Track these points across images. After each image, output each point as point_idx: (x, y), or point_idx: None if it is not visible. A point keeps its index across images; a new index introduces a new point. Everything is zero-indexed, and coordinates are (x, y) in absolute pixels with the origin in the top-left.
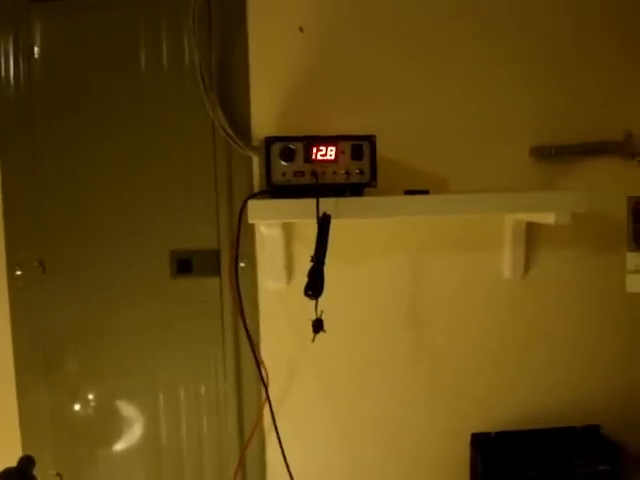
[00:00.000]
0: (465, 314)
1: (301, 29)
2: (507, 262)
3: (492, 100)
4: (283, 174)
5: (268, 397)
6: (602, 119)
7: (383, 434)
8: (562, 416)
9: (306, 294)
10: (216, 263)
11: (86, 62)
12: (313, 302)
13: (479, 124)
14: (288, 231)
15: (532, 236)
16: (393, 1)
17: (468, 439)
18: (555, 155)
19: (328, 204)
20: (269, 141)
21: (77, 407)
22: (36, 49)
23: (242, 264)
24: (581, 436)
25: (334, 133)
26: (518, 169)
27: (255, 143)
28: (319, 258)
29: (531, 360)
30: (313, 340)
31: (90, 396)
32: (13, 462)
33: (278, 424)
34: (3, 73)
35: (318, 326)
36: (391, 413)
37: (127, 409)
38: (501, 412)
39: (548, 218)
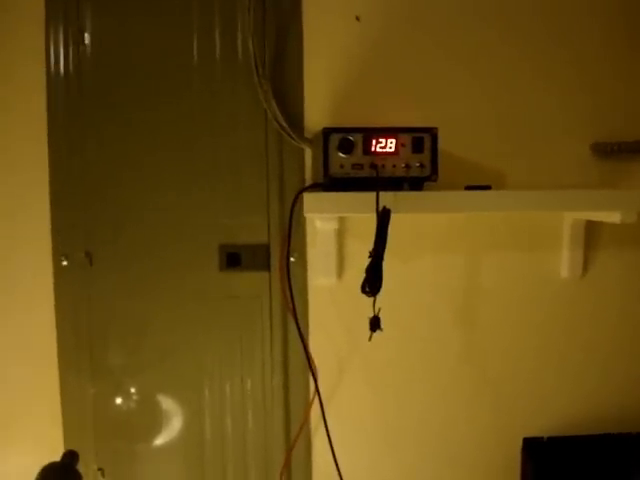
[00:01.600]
0: (519, 314)
1: (357, 18)
2: (565, 262)
3: (553, 96)
4: (341, 166)
5: (318, 391)
6: None
7: (431, 437)
8: (621, 422)
9: (363, 291)
10: (266, 257)
11: (137, 49)
12: (364, 298)
13: (540, 120)
14: (341, 225)
15: (591, 235)
16: None
17: (520, 443)
18: (616, 152)
19: (387, 198)
20: (327, 132)
21: (120, 401)
22: (86, 36)
23: (292, 259)
24: (636, 443)
25: (389, 125)
26: (578, 166)
27: (308, 135)
28: (378, 254)
29: (589, 363)
30: (370, 339)
31: (134, 390)
32: (56, 456)
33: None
34: (53, 61)
35: (375, 324)
36: (439, 415)
37: (171, 404)
38: (555, 416)
39: (613, 217)
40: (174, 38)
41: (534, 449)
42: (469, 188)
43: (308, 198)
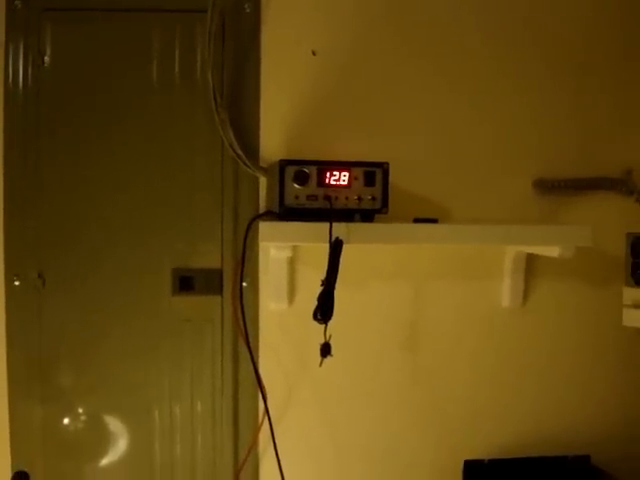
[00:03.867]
0: (462, 341)
1: (314, 52)
2: (506, 291)
3: (498, 133)
4: (296, 197)
5: (268, 413)
6: (603, 156)
7: (377, 458)
8: (554, 445)
9: (315, 318)
10: (218, 282)
11: (95, 72)
12: (314, 324)
13: (485, 155)
14: (294, 253)
15: (532, 267)
16: (405, 29)
17: (461, 466)
18: (557, 188)
19: (340, 229)
20: (283, 164)
21: (70, 422)
22: (46, 58)
23: (245, 283)
24: (572, 466)
25: (341, 159)
26: (520, 200)
27: (263, 164)
28: (330, 282)
29: (525, 388)
30: (321, 364)
31: (83, 411)
32: (4, 477)
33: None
34: (11, 81)
35: (326, 350)
36: (386, 437)
37: (121, 425)
38: (494, 439)
39: (552, 251)
40: (134, 64)
41: (475, 471)
42: (417, 221)
43: (264, 227)
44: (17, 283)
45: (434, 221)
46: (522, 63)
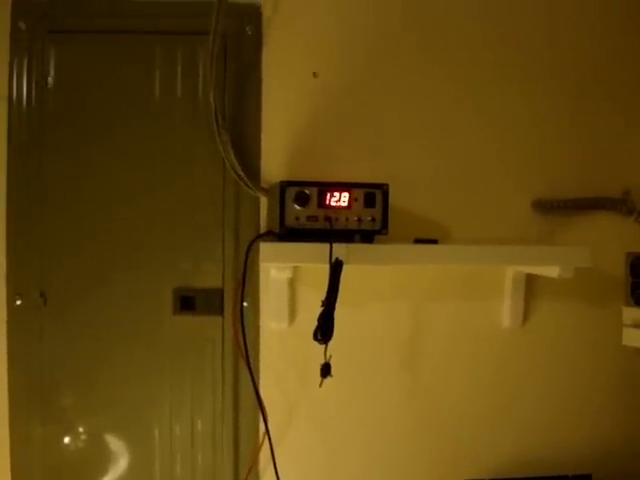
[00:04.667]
0: (462, 361)
1: (315, 74)
2: (506, 311)
3: (498, 153)
4: (297, 218)
5: (268, 433)
6: (603, 176)
7: (376, 477)
8: (553, 463)
9: (315, 339)
10: (219, 302)
11: (98, 93)
12: (314, 344)
13: (485, 176)
14: (294, 274)
15: (532, 287)
16: (404, 52)
17: None
18: (555, 208)
19: (340, 249)
20: (284, 185)
21: (70, 442)
22: (50, 79)
23: (245, 303)
24: None
25: (342, 180)
26: (519, 220)
27: (264, 185)
28: (330, 303)
29: (524, 407)
30: (320, 385)
31: (84, 431)
32: None
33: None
34: (16, 102)
35: (326, 371)
36: (384, 456)
37: (121, 445)
38: (494, 458)
39: (551, 271)
40: (136, 85)
41: None
42: (418, 241)
43: (265, 248)
44: (19, 302)
45: (434, 242)
46: (523, 84)
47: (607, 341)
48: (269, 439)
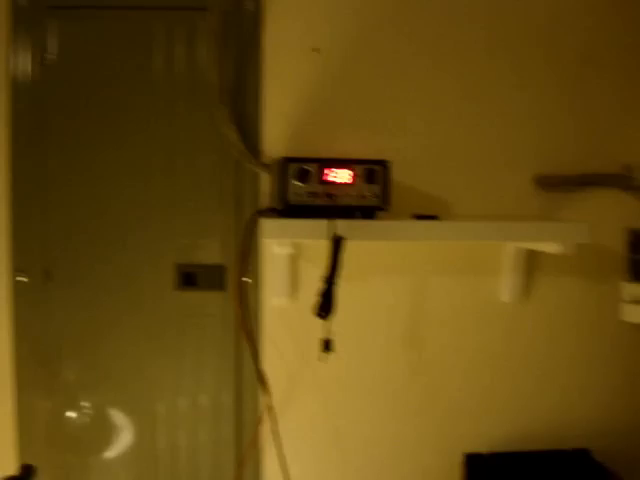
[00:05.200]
0: (463, 335)
1: (316, 50)
2: (506, 287)
3: (498, 130)
4: (297, 194)
5: (270, 405)
6: (603, 152)
7: (379, 451)
8: (554, 439)
9: (317, 314)
10: (221, 277)
11: (99, 69)
12: (316, 320)
13: (485, 152)
14: (295, 250)
15: (532, 263)
16: (406, 28)
17: (460, 458)
18: (556, 185)
19: (341, 226)
20: (285, 161)
21: (75, 416)
22: (51, 55)
23: (247, 279)
24: (571, 459)
25: (343, 156)
26: (520, 196)
27: (265, 160)
28: (331, 279)
29: (525, 383)
30: (319, 359)
31: (88, 405)
32: (9, 470)
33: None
34: (17, 78)
35: (327, 346)
36: (386, 431)
37: (125, 418)
38: (494, 433)
39: (551, 247)
40: (136, 61)
41: (474, 464)
42: (418, 217)
43: (266, 224)
44: (24, 279)
45: (434, 218)
46: (521, 60)
47: (607, 316)
48: (271, 411)
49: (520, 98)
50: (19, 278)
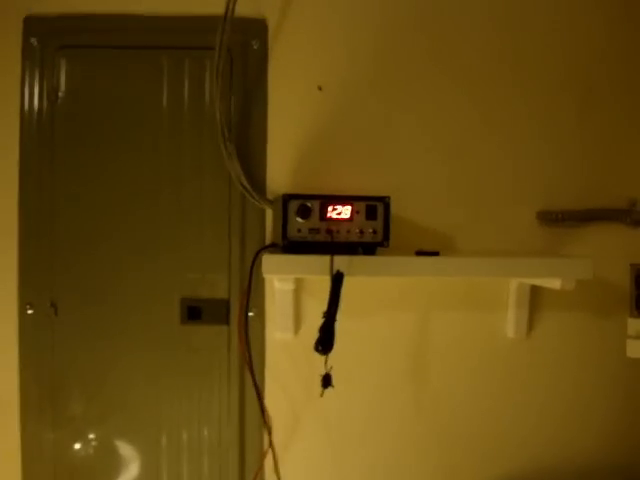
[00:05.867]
0: (466, 371)
1: (320, 88)
2: (510, 322)
3: (502, 165)
4: (299, 230)
5: (272, 443)
6: (607, 187)
7: None
8: (558, 476)
9: (316, 349)
10: (225, 312)
11: (107, 108)
12: (319, 354)
13: (488, 187)
14: (297, 285)
15: (536, 298)
16: (408, 66)
17: None
18: (560, 220)
19: (342, 262)
20: (286, 198)
21: (80, 449)
22: (60, 94)
23: (251, 314)
24: None
25: (347, 192)
26: (524, 232)
27: (270, 196)
28: (331, 314)
29: (528, 418)
30: (322, 395)
31: (93, 438)
32: None
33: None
34: (27, 116)
35: (327, 381)
36: (389, 466)
37: (129, 451)
38: (496, 470)
39: (553, 283)
40: (145, 100)
41: None
42: (419, 253)
43: (267, 260)
44: (30, 312)
45: (435, 254)
46: (526, 94)
47: (611, 352)
48: (272, 448)
49: (524, 133)
50: (26, 311)
